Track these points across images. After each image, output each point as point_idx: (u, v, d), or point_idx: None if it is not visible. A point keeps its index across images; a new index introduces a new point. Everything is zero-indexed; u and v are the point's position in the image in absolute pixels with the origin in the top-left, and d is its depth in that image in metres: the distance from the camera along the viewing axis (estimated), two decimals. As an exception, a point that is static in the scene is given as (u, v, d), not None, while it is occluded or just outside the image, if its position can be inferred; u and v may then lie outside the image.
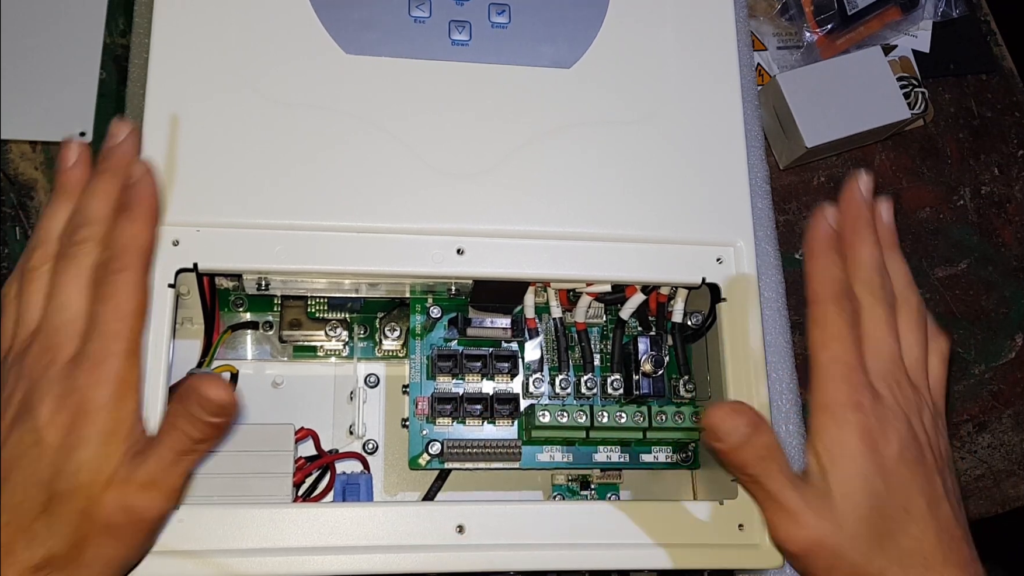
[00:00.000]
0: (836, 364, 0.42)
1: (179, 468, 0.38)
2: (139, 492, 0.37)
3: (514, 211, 0.49)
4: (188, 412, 0.37)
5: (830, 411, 0.41)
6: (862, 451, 0.40)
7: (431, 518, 0.44)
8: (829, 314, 0.43)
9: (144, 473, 0.37)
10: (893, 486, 0.40)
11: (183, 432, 0.38)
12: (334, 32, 0.50)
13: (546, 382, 0.52)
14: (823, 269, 0.44)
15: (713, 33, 0.55)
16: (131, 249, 0.40)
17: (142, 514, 0.38)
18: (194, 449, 0.38)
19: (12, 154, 0.63)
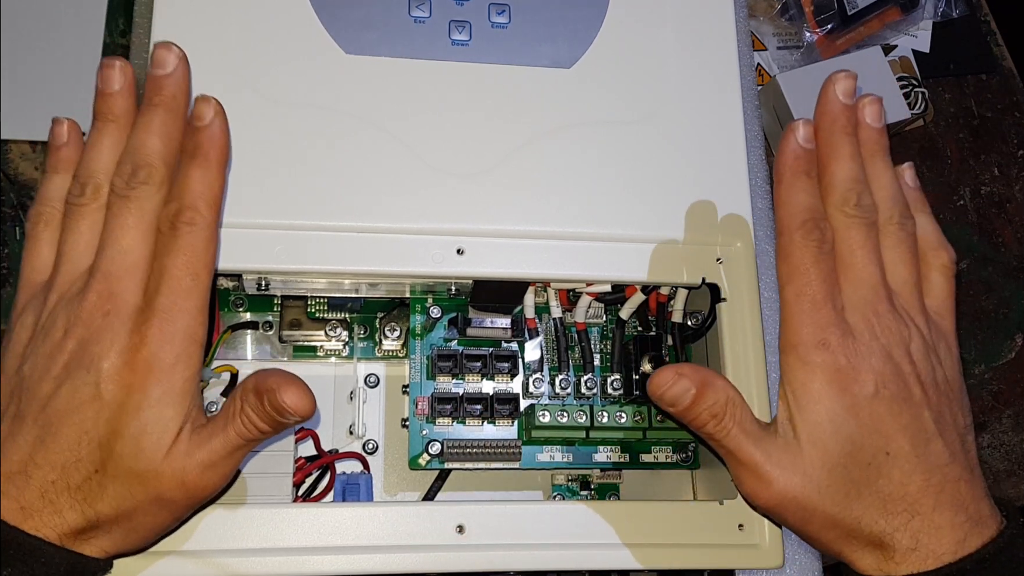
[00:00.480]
0: (800, 299, 0.39)
1: (240, 454, 0.38)
2: (199, 471, 0.36)
3: (514, 211, 0.49)
4: (261, 407, 0.36)
5: (796, 352, 0.39)
6: (830, 393, 0.38)
7: (431, 518, 0.44)
8: (794, 244, 0.39)
9: (207, 453, 0.36)
10: (869, 428, 0.37)
11: (252, 423, 0.37)
12: (334, 32, 0.50)
13: (546, 382, 0.52)
14: (789, 196, 0.40)
15: (713, 33, 0.55)
16: (204, 200, 0.37)
17: (195, 492, 0.37)
18: (259, 438, 0.38)
19: (12, 154, 0.63)
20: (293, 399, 0.36)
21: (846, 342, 0.38)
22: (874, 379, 0.38)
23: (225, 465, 0.37)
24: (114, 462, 0.35)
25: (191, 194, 0.37)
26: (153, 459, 0.35)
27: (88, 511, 0.35)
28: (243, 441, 0.37)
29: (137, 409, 0.35)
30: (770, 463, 0.38)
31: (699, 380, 0.39)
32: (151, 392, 0.35)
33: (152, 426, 0.35)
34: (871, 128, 0.42)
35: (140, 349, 0.35)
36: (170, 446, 0.35)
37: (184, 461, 0.36)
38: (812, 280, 0.39)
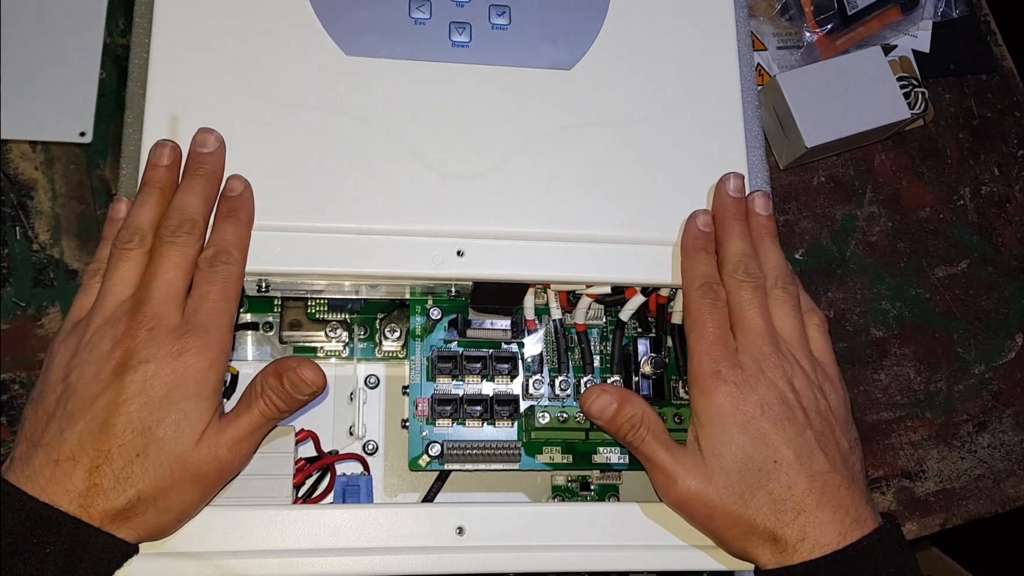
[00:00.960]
0: (700, 343, 0.47)
1: (261, 432, 0.44)
2: (229, 446, 0.42)
3: (514, 212, 0.49)
4: (281, 387, 0.43)
5: (697, 383, 0.46)
6: (724, 412, 0.45)
7: (431, 519, 0.45)
8: (693, 302, 0.48)
9: (235, 431, 0.43)
10: (758, 441, 0.44)
11: (272, 403, 0.43)
12: (334, 33, 0.50)
13: (546, 383, 0.52)
14: (690, 266, 0.49)
15: (713, 33, 0.55)
16: (236, 247, 0.45)
17: (226, 466, 0.42)
18: (278, 417, 0.44)
19: (12, 154, 0.63)
20: (311, 374, 0.43)
21: (736, 372, 0.46)
22: (759, 401, 0.45)
23: (249, 441, 0.44)
24: (156, 445, 0.41)
25: (226, 242, 0.45)
26: (190, 441, 0.41)
27: (129, 490, 0.40)
28: (265, 419, 0.44)
29: (178, 401, 0.41)
30: (677, 465, 0.45)
31: (619, 396, 0.47)
32: (189, 388, 0.42)
33: (190, 414, 0.41)
34: (759, 215, 0.51)
35: (181, 356, 0.42)
36: (203, 430, 0.42)
37: (217, 439, 0.42)
38: (708, 326, 0.47)
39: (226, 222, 0.46)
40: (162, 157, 0.47)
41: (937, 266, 0.75)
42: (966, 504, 0.70)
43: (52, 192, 0.63)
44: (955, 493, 0.70)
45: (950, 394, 0.72)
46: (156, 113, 0.48)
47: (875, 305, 0.73)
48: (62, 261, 0.62)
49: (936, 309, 0.74)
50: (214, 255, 0.45)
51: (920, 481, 0.70)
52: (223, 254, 0.45)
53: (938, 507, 0.70)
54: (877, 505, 0.68)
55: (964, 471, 0.71)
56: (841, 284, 0.73)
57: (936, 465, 0.71)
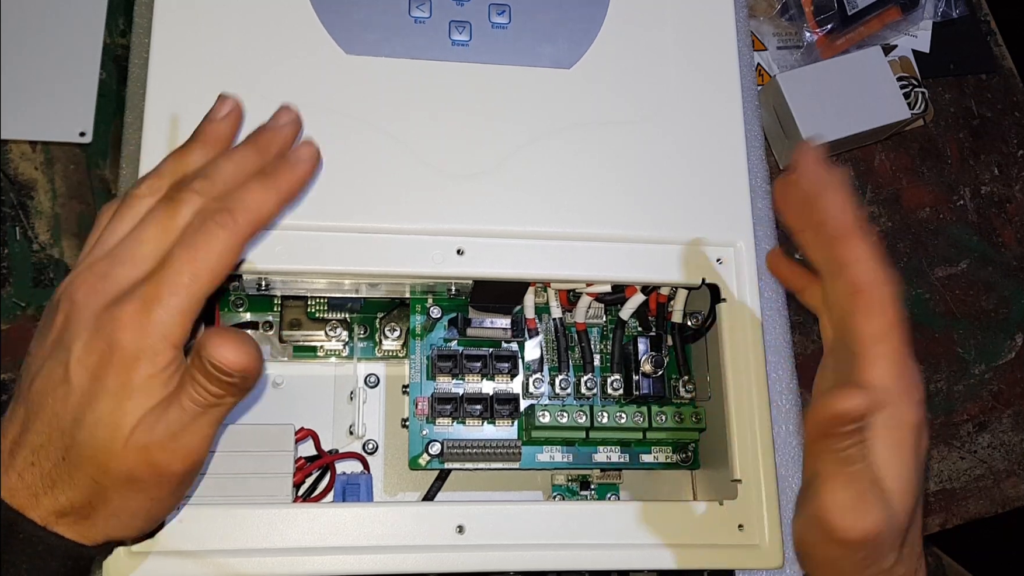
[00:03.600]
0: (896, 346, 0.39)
1: (202, 423, 0.36)
2: (161, 449, 0.35)
3: (514, 211, 0.49)
4: (204, 368, 0.34)
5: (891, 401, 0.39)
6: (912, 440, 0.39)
7: (431, 518, 0.44)
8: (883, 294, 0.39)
9: (164, 429, 0.35)
10: (920, 476, 0.40)
11: (202, 387, 0.35)
12: (334, 32, 0.50)
13: (546, 382, 0.52)
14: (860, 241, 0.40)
15: (713, 33, 0.55)
16: (247, 211, 0.37)
17: (164, 469, 0.35)
18: (217, 404, 0.36)
19: (12, 154, 0.63)
20: (228, 354, 0.34)
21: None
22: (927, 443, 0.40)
23: (189, 437, 0.35)
24: (76, 450, 0.35)
25: (240, 202, 0.37)
26: (111, 448, 0.34)
27: (60, 497, 0.35)
28: (199, 408, 0.35)
29: (95, 398, 0.34)
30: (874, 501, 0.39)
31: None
32: (108, 383, 0.34)
33: (108, 417, 0.34)
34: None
35: (109, 334, 0.34)
36: (128, 434, 0.34)
37: (147, 439, 0.35)
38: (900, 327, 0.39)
39: (257, 181, 0.38)
40: (222, 110, 0.41)
41: (937, 266, 0.75)
42: (966, 504, 0.70)
43: (52, 192, 0.63)
44: (955, 493, 0.70)
45: (950, 394, 0.72)
46: (156, 113, 0.48)
47: (875, 305, 0.73)
48: (62, 261, 0.62)
49: (936, 309, 0.74)
50: (213, 211, 0.36)
51: (920, 481, 0.70)
52: (223, 213, 0.36)
53: (938, 507, 0.70)
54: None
55: (964, 471, 0.71)
56: (841, 284, 0.73)
57: (936, 465, 0.71)
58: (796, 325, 0.71)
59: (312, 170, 0.40)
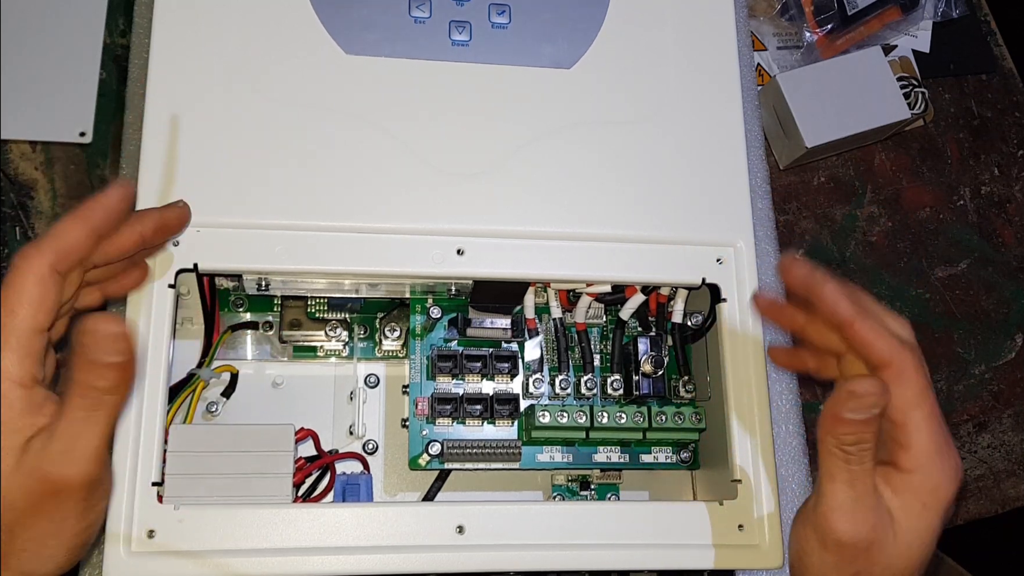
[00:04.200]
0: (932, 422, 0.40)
1: (93, 427, 0.36)
2: (53, 463, 0.35)
3: (514, 211, 0.49)
4: (86, 359, 0.35)
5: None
6: (943, 515, 0.40)
7: (431, 518, 0.44)
8: (910, 361, 0.40)
9: (56, 444, 0.35)
10: (930, 549, 0.41)
11: (86, 384, 0.35)
12: (334, 32, 0.50)
13: (546, 382, 0.52)
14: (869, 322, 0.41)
15: (713, 33, 0.55)
16: (51, 239, 0.38)
17: (62, 483, 0.35)
18: (102, 401, 0.36)
19: (12, 154, 0.63)
20: (104, 323, 0.35)
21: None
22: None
23: (81, 444, 0.36)
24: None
25: (47, 235, 0.38)
26: (2, 483, 0.35)
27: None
28: (86, 410, 0.36)
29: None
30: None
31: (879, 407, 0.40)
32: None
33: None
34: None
35: None
36: (15, 465, 0.35)
37: (38, 460, 0.35)
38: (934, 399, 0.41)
39: (65, 216, 0.39)
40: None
41: (937, 266, 0.75)
42: (966, 504, 0.70)
43: (52, 192, 0.63)
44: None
45: (950, 394, 0.72)
46: (156, 113, 0.48)
47: (875, 305, 0.73)
48: (62, 261, 0.62)
49: (936, 309, 0.74)
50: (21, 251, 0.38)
51: (920, 481, 0.70)
52: (28, 248, 0.38)
53: (938, 507, 0.69)
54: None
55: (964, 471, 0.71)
56: (841, 284, 0.73)
57: (936, 465, 0.70)
58: (796, 325, 0.71)
59: (119, 197, 0.40)
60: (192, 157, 0.47)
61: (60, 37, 0.65)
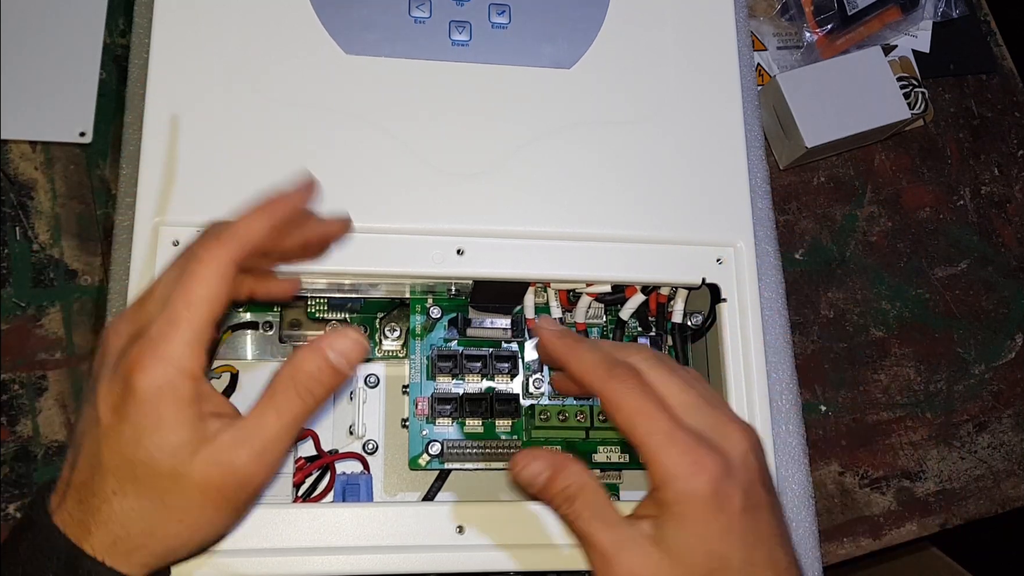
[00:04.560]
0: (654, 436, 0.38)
1: (291, 430, 0.38)
2: (246, 459, 0.36)
3: (514, 211, 0.49)
4: (315, 357, 0.37)
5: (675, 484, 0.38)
6: (708, 517, 0.38)
7: (431, 518, 0.44)
8: (617, 390, 0.40)
9: (255, 439, 0.37)
10: (735, 547, 0.38)
11: (304, 387, 0.37)
12: (334, 32, 0.50)
13: (546, 382, 0.52)
14: (581, 355, 0.41)
15: (713, 33, 0.55)
16: (233, 234, 0.39)
17: (248, 480, 0.37)
18: (307, 406, 0.38)
19: (12, 154, 0.63)
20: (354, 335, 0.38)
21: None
22: (742, 493, 0.38)
23: (277, 444, 0.37)
24: (133, 482, 0.36)
25: (227, 228, 0.39)
26: (178, 472, 0.35)
27: (114, 528, 0.36)
28: (293, 416, 0.37)
29: (132, 434, 0.35)
30: (623, 551, 0.38)
31: (553, 464, 0.40)
32: (136, 420, 0.35)
33: (159, 452, 0.35)
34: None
35: (124, 374, 0.36)
36: (190, 460, 0.36)
37: (228, 459, 0.36)
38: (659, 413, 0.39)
39: (246, 210, 0.40)
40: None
41: (937, 266, 0.75)
42: (966, 504, 0.70)
43: (52, 192, 0.63)
44: (955, 493, 0.70)
45: (950, 394, 0.72)
46: (156, 113, 0.48)
47: (875, 305, 0.73)
48: (62, 261, 0.62)
49: (936, 309, 0.74)
50: (201, 242, 0.39)
51: (920, 481, 0.70)
52: (208, 240, 0.38)
53: (938, 507, 0.70)
54: (877, 505, 0.68)
55: (964, 471, 0.71)
56: (841, 284, 0.73)
57: (936, 465, 0.71)
58: (796, 325, 0.71)
59: (305, 194, 0.41)
60: (192, 157, 0.47)
61: (60, 37, 0.65)
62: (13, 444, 0.58)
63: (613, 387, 0.39)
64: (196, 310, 0.37)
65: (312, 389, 0.38)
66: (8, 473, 0.58)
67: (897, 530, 0.69)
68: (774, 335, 0.58)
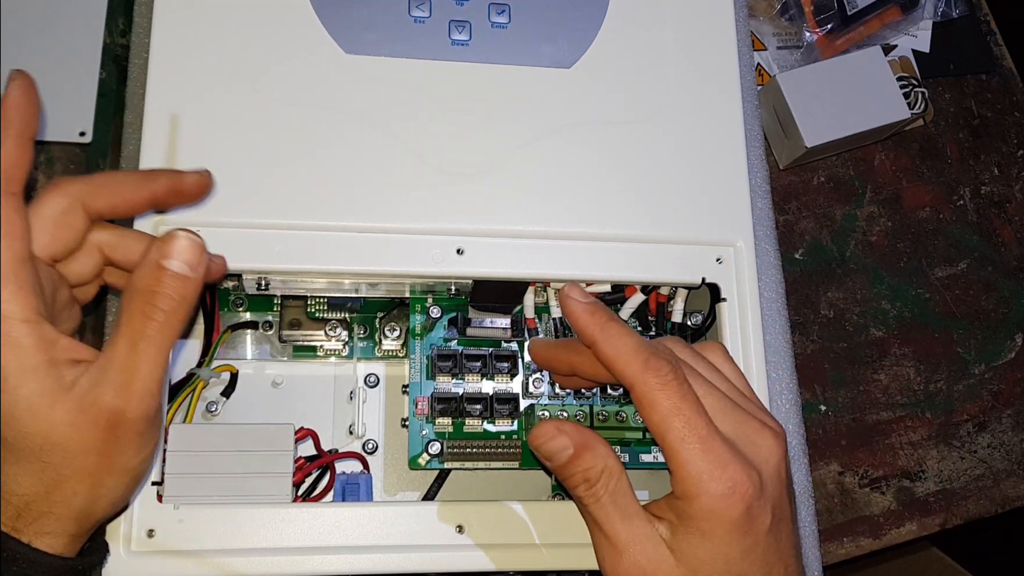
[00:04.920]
0: (689, 444, 0.36)
1: (152, 357, 0.35)
2: (112, 397, 0.34)
3: (514, 211, 0.49)
4: (150, 270, 0.35)
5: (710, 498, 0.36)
6: (734, 538, 0.36)
7: (431, 518, 0.45)
8: (653, 385, 0.37)
9: (114, 376, 0.35)
10: (756, 565, 0.37)
11: (146, 305, 0.35)
12: (334, 32, 0.50)
13: (546, 382, 0.52)
14: (615, 338, 0.38)
15: (713, 33, 0.55)
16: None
17: (121, 418, 0.35)
18: (161, 327, 0.35)
19: (12, 154, 0.63)
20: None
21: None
22: (771, 511, 0.37)
23: (141, 375, 0.35)
24: (8, 449, 0.34)
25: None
26: (45, 417, 0.34)
27: (14, 501, 0.34)
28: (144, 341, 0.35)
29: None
30: (634, 546, 0.37)
31: (579, 441, 0.38)
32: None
33: (15, 407, 0.34)
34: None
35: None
36: (52, 405, 0.34)
37: (92, 401, 0.34)
38: (697, 413, 0.37)
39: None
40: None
41: (937, 266, 0.75)
42: (966, 504, 0.70)
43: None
44: (955, 493, 0.70)
45: (950, 394, 0.72)
46: (156, 113, 0.48)
47: (875, 305, 0.73)
48: (62, 261, 0.62)
49: (936, 309, 0.74)
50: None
51: (920, 481, 0.70)
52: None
53: (938, 507, 0.70)
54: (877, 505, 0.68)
55: (964, 471, 0.71)
56: (841, 284, 0.73)
57: (936, 465, 0.71)
58: (796, 325, 0.71)
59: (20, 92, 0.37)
60: (192, 157, 0.47)
61: (60, 37, 0.65)
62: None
63: (648, 381, 0.37)
64: (13, 250, 0.34)
65: (160, 304, 0.35)
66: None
67: (897, 530, 0.69)
68: (774, 335, 0.59)
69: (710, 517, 0.36)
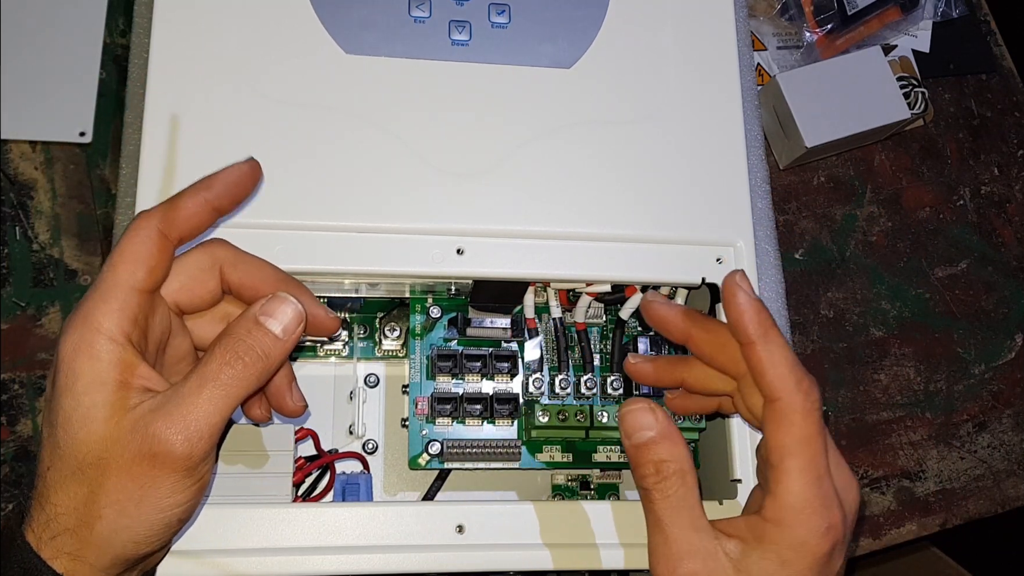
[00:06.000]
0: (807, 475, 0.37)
1: (217, 403, 0.35)
2: (164, 429, 0.34)
3: (514, 211, 0.49)
4: (248, 322, 0.37)
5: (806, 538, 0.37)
6: (810, 571, 0.37)
7: (431, 518, 0.44)
8: (800, 407, 0.37)
9: (174, 409, 0.35)
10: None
11: (232, 353, 0.36)
12: (334, 32, 0.50)
13: (546, 382, 0.52)
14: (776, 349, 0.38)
15: (713, 33, 0.55)
16: (154, 209, 0.38)
17: (165, 452, 0.34)
18: (240, 379, 0.36)
19: (12, 154, 0.63)
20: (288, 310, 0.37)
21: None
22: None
23: (200, 417, 0.35)
24: (58, 456, 0.35)
25: (164, 202, 0.39)
26: (87, 446, 0.34)
27: (48, 507, 0.35)
28: (218, 386, 0.35)
29: (57, 400, 0.35)
30: (693, 557, 0.37)
31: (665, 429, 0.38)
32: (60, 383, 0.35)
33: (74, 413, 0.34)
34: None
35: (58, 350, 0.36)
36: (108, 419, 0.34)
37: (144, 425, 0.34)
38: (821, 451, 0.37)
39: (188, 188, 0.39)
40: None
41: (937, 266, 0.75)
42: (966, 504, 0.70)
43: (52, 192, 0.63)
44: (955, 493, 0.70)
45: (950, 394, 0.72)
46: (156, 113, 0.48)
47: (875, 305, 0.73)
48: (62, 261, 0.62)
49: (936, 309, 0.74)
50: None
51: (920, 481, 0.70)
52: (143, 213, 0.38)
53: (938, 507, 0.70)
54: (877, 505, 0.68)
55: (964, 471, 0.71)
56: (841, 284, 0.73)
57: (936, 465, 0.71)
58: (796, 325, 0.71)
59: (242, 172, 0.40)
60: (192, 157, 0.47)
61: (60, 37, 0.65)
62: (13, 444, 0.58)
63: (797, 401, 0.37)
64: (117, 273, 0.36)
65: (242, 354, 0.36)
66: (8, 473, 0.58)
67: (897, 530, 0.69)
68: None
69: (800, 549, 0.36)
